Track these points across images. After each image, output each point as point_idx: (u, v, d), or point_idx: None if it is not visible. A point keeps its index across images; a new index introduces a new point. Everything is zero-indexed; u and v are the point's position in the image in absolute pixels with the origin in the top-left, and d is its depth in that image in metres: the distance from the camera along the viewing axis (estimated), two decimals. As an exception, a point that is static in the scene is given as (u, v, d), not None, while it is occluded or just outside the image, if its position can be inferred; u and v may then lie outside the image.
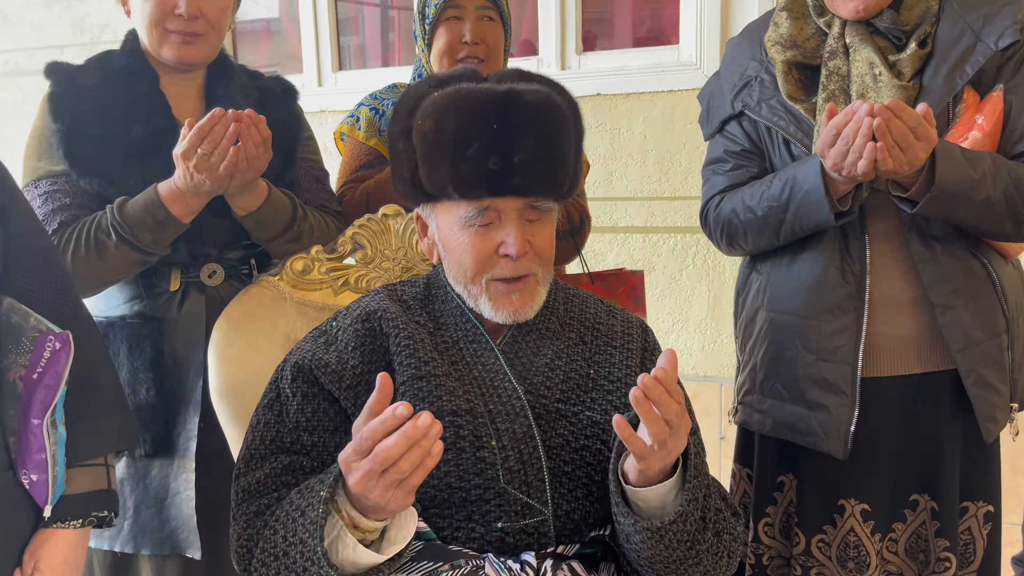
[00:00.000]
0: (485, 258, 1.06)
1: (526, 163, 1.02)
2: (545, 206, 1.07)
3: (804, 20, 1.38)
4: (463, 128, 1.01)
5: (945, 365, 1.31)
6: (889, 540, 1.36)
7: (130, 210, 1.29)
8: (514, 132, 1.01)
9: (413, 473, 0.85)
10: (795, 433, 1.36)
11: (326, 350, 1.09)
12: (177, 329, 1.41)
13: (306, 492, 0.94)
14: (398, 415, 0.83)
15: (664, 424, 0.92)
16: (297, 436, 1.05)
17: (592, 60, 2.55)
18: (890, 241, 1.30)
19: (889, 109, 1.12)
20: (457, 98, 1.02)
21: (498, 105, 1.01)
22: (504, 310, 1.07)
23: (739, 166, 1.42)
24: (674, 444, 0.94)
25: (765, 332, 1.40)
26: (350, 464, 0.87)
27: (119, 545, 1.42)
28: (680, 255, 2.47)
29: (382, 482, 0.85)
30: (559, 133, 1.05)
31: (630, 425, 0.93)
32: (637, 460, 0.96)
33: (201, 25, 1.37)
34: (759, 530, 1.46)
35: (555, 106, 1.04)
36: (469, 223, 1.05)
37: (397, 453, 0.83)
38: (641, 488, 0.98)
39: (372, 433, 0.85)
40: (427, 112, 1.03)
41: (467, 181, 1.03)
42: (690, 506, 0.97)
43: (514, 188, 1.03)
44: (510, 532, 1.02)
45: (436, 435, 0.84)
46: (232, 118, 1.23)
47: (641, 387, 0.90)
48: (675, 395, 0.92)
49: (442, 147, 1.02)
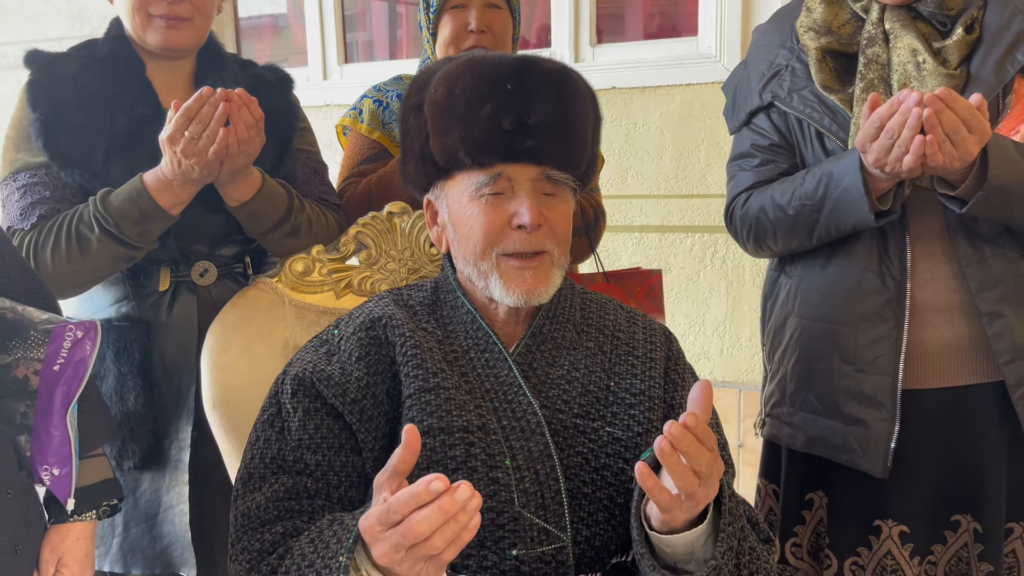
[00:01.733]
0: (496, 229, 0.99)
1: (541, 127, 0.97)
2: (561, 178, 1.01)
3: (839, 5, 1.31)
4: (477, 89, 0.98)
5: (992, 377, 1.23)
6: (928, 563, 1.28)
7: (114, 201, 1.24)
8: (530, 93, 0.97)
9: (447, 549, 0.75)
10: (830, 449, 1.28)
11: (328, 361, 1.02)
12: (167, 332, 1.35)
13: (320, 548, 0.85)
14: (433, 490, 0.74)
15: (693, 476, 0.83)
16: (300, 455, 0.98)
17: (607, 52, 2.49)
18: (934, 242, 1.23)
19: (940, 99, 1.04)
20: (471, 63, 1.00)
21: (514, 69, 0.98)
22: (516, 289, 1.00)
23: (768, 161, 1.34)
24: (704, 494, 0.86)
25: (796, 340, 1.32)
26: (375, 533, 0.78)
27: (108, 564, 1.36)
28: (698, 255, 2.41)
29: (411, 555, 0.76)
30: (576, 103, 1.01)
31: (652, 471, 0.84)
32: (660, 511, 0.87)
33: (186, 8, 1.32)
34: (786, 551, 1.38)
35: (572, 77, 1.02)
36: (480, 192, 1.00)
37: (430, 528, 0.74)
38: (667, 536, 0.90)
39: (402, 506, 0.75)
40: (440, 80, 1.01)
41: (479, 143, 0.98)
42: (724, 558, 0.89)
43: (528, 152, 0.98)
44: (525, 560, 0.95)
45: (475, 508, 0.75)
46: (221, 97, 1.17)
47: (668, 436, 0.82)
48: (707, 442, 0.83)
49: (454, 110, 0.98)
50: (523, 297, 1.00)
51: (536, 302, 1.02)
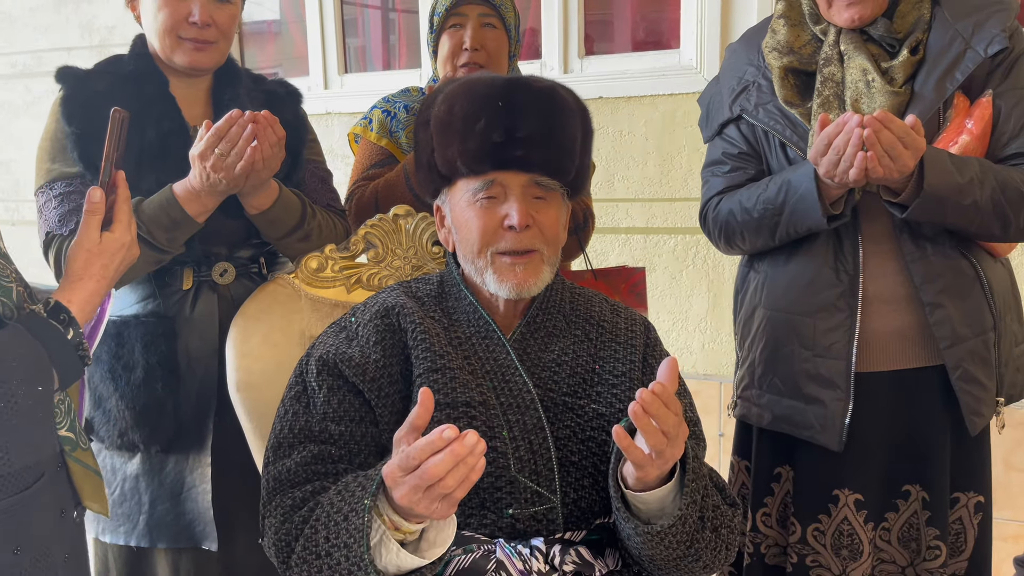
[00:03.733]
0: (491, 230, 1.11)
1: (528, 139, 1.09)
2: (550, 184, 1.12)
3: (801, 27, 1.42)
4: (472, 107, 1.10)
5: (935, 360, 1.35)
6: (882, 529, 1.40)
7: (146, 209, 1.32)
8: (518, 110, 1.09)
9: (458, 488, 0.87)
10: (792, 426, 1.40)
11: (348, 344, 1.13)
12: (190, 327, 1.43)
13: (347, 496, 0.96)
14: (445, 437, 0.86)
15: (662, 435, 0.96)
16: (325, 426, 1.08)
17: (594, 64, 2.58)
18: (882, 242, 1.35)
19: (878, 120, 1.16)
20: (468, 84, 1.13)
21: (504, 88, 1.11)
22: (508, 282, 1.11)
23: (737, 168, 1.46)
24: (672, 453, 0.98)
25: (763, 329, 1.44)
26: (396, 478, 0.90)
27: (135, 540, 1.44)
28: (680, 255, 2.50)
29: (427, 496, 0.88)
30: (562, 118, 1.12)
31: (628, 434, 0.97)
32: (635, 468, 1.00)
33: (213, 33, 1.40)
34: (757, 520, 1.50)
35: (559, 95, 1.13)
36: (476, 196, 1.11)
37: (444, 470, 0.86)
38: (640, 492, 1.02)
39: (420, 453, 0.87)
40: (442, 99, 1.13)
41: (474, 154, 1.10)
42: (688, 509, 1.01)
43: (517, 161, 1.09)
44: (520, 519, 1.06)
45: (481, 452, 0.88)
46: (249, 119, 1.26)
47: (639, 402, 0.94)
48: (672, 407, 0.96)
49: (453, 126, 1.11)
50: (514, 289, 1.12)
51: (527, 294, 1.13)
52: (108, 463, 1.47)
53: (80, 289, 1.04)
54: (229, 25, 1.43)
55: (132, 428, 1.41)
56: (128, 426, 1.42)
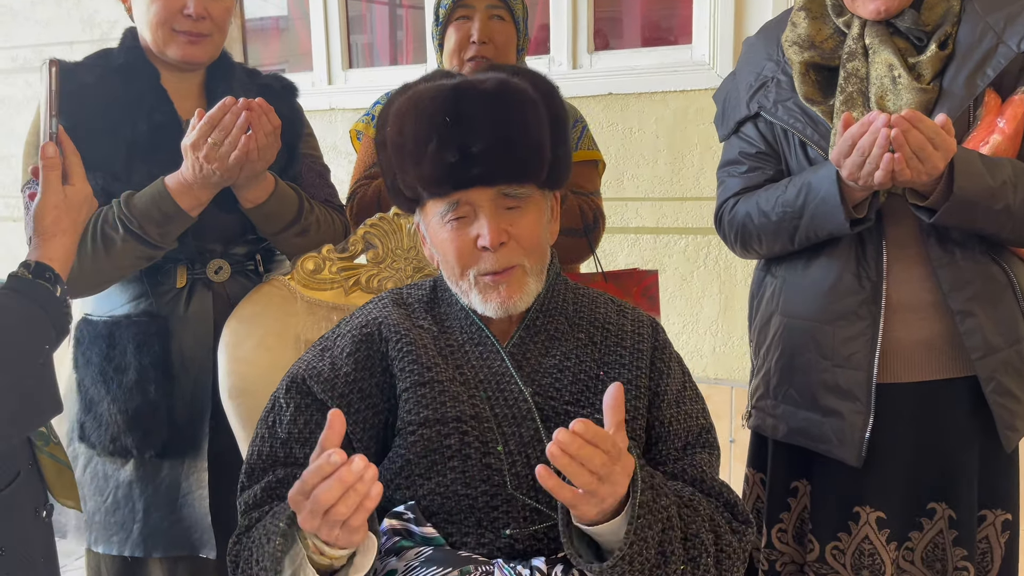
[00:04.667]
0: (466, 252, 1.05)
1: (485, 152, 1.00)
2: (520, 192, 1.05)
3: (822, 20, 1.36)
4: (420, 127, 1.02)
5: (963, 372, 1.29)
6: (905, 549, 1.35)
7: (137, 203, 1.29)
8: (467, 123, 1.00)
9: (353, 515, 0.84)
10: (808, 439, 1.34)
11: (321, 358, 1.09)
12: (185, 327, 1.40)
13: (273, 518, 0.94)
14: (332, 462, 0.83)
15: (589, 475, 0.88)
16: (290, 449, 1.05)
17: (604, 59, 2.54)
18: (908, 246, 1.29)
19: (907, 119, 1.10)
20: (413, 100, 1.04)
21: (448, 100, 1.01)
22: (492, 302, 1.06)
23: (754, 168, 1.41)
24: (608, 491, 0.90)
25: (779, 337, 1.38)
26: (297, 503, 0.86)
27: (129, 550, 1.41)
28: (692, 256, 2.46)
29: (325, 523, 0.84)
30: (520, 115, 1.02)
31: (553, 473, 0.89)
32: (569, 508, 0.92)
33: (207, 26, 1.37)
34: (772, 536, 1.45)
35: (511, 89, 1.03)
36: (445, 218, 1.05)
37: (333, 498, 0.82)
38: (589, 527, 0.94)
39: (311, 477, 0.84)
40: (392, 120, 1.06)
41: (431, 179, 1.03)
42: (634, 548, 0.91)
43: (477, 178, 1.02)
44: (519, 538, 1.02)
45: (372, 479, 0.83)
46: (243, 106, 1.23)
47: (556, 442, 0.87)
48: (601, 444, 0.88)
49: (406, 150, 1.04)
50: (500, 308, 1.06)
51: (514, 310, 1.07)
52: (100, 470, 1.43)
53: (57, 246, 1.05)
54: (224, 18, 1.40)
55: (124, 433, 1.38)
56: (120, 431, 1.38)
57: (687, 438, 1.11)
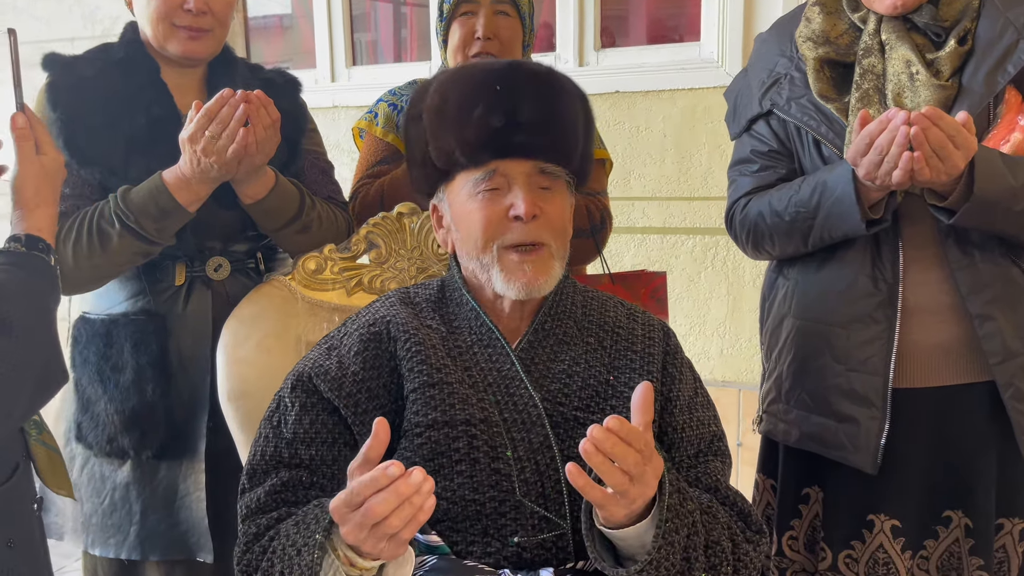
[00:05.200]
0: (495, 222, 1.03)
1: (531, 123, 1.02)
2: (555, 172, 1.05)
3: (838, 15, 1.34)
4: (468, 94, 1.04)
5: (981, 376, 1.26)
6: (920, 558, 1.31)
7: (134, 198, 1.27)
8: (517, 93, 1.03)
9: (404, 528, 0.82)
10: (822, 445, 1.31)
11: (328, 356, 1.06)
12: (183, 326, 1.38)
13: (303, 528, 0.91)
14: (389, 475, 0.81)
15: (622, 475, 0.87)
16: (295, 450, 1.02)
17: (611, 56, 2.52)
18: (925, 247, 1.25)
19: (927, 117, 1.07)
20: (462, 71, 1.08)
21: (502, 72, 1.05)
22: (516, 282, 1.03)
23: (767, 167, 1.37)
24: (639, 491, 0.89)
25: (792, 340, 1.35)
26: (342, 514, 0.85)
27: (125, 552, 1.39)
28: (699, 257, 2.44)
29: (373, 535, 0.83)
30: (563, 100, 1.06)
31: (584, 472, 0.87)
32: (597, 508, 0.91)
33: (208, 20, 1.35)
34: (783, 544, 1.42)
35: (559, 77, 1.07)
36: (477, 188, 1.04)
37: (387, 510, 0.81)
38: (613, 530, 0.93)
39: (363, 489, 0.82)
40: (435, 89, 1.07)
41: (473, 143, 1.03)
42: (662, 552, 0.90)
43: (519, 147, 1.03)
44: (527, 547, 0.99)
45: (428, 492, 0.82)
46: (241, 98, 1.21)
47: (590, 439, 0.85)
48: (635, 443, 0.87)
49: (448, 114, 1.04)
50: (524, 289, 1.03)
51: (537, 294, 1.05)
52: (97, 471, 1.41)
53: (43, 216, 1.06)
54: (225, 12, 1.38)
55: (121, 433, 1.36)
56: (117, 431, 1.36)
57: (699, 445, 1.09)
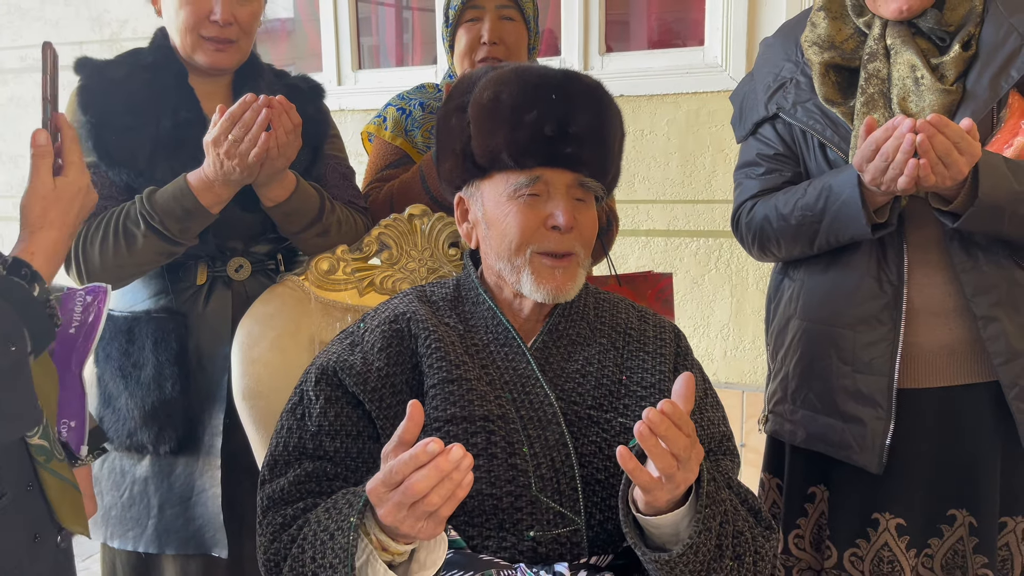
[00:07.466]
0: (532, 228, 1.06)
1: (580, 136, 1.05)
2: (592, 186, 1.08)
3: (843, 20, 1.35)
4: (524, 96, 1.05)
5: (986, 377, 1.27)
6: (925, 556, 1.33)
7: (159, 199, 1.29)
8: (571, 103, 1.05)
9: (443, 505, 0.83)
10: (828, 445, 1.32)
11: (351, 351, 1.08)
12: (203, 324, 1.40)
13: (334, 513, 0.92)
14: (429, 451, 0.82)
15: (671, 458, 0.89)
16: (319, 442, 1.04)
17: (615, 61, 2.53)
18: (930, 250, 1.27)
19: (932, 124, 1.09)
20: (518, 71, 1.08)
21: (558, 81, 1.06)
22: (546, 286, 1.06)
23: (772, 170, 1.39)
24: (683, 477, 0.91)
25: (798, 341, 1.37)
26: (380, 495, 0.86)
27: (143, 546, 1.40)
28: (703, 259, 2.45)
29: (412, 514, 0.83)
30: (609, 116, 1.09)
31: (634, 456, 0.90)
32: (643, 492, 0.93)
33: (234, 31, 1.38)
34: (789, 542, 1.43)
35: (607, 94, 1.10)
36: (519, 192, 1.06)
37: (428, 487, 0.81)
38: (651, 517, 0.95)
39: (403, 467, 0.83)
40: (487, 85, 1.08)
41: (523, 147, 1.04)
42: (701, 537, 0.93)
43: (567, 158, 1.05)
44: (542, 541, 1.00)
45: (467, 467, 0.83)
46: (263, 104, 1.23)
47: (646, 421, 0.87)
48: (685, 428, 0.89)
49: (500, 114, 1.05)
50: (552, 294, 1.06)
51: (563, 299, 1.08)
52: (117, 465, 1.44)
53: (42, 239, 0.95)
54: (251, 22, 1.41)
55: (140, 428, 1.38)
56: (137, 426, 1.39)
57: (709, 444, 1.10)
